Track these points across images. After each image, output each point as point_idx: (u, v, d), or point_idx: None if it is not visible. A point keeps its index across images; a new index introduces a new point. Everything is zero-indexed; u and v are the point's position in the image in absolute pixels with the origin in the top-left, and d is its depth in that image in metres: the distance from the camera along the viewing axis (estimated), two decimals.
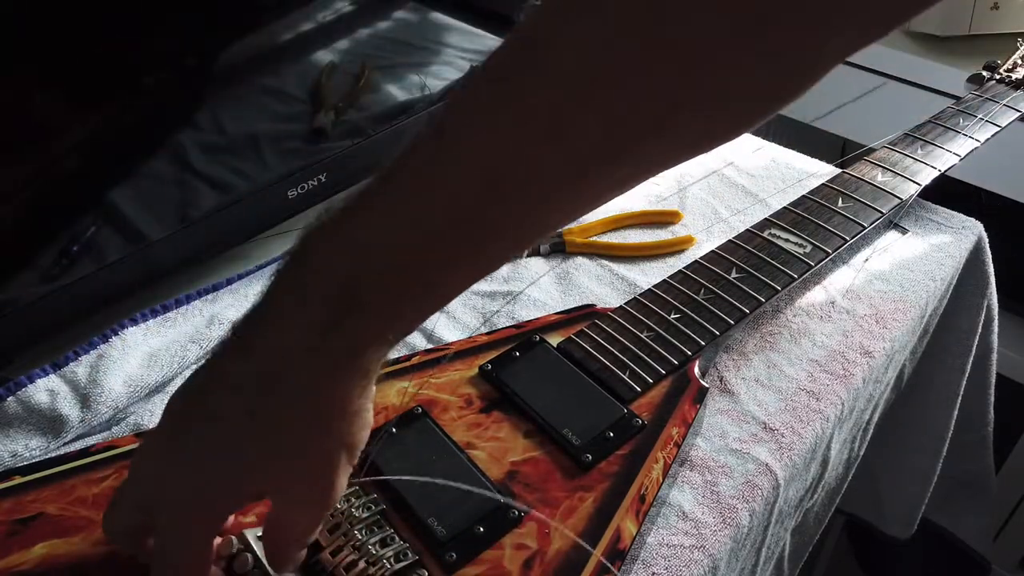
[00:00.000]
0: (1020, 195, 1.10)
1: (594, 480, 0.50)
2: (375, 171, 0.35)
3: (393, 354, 0.63)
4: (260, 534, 0.46)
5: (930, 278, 0.72)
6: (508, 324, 0.65)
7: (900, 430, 0.86)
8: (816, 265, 0.64)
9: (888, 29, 0.32)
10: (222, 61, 0.66)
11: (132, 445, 0.53)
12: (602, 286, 0.71)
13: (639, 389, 0.55)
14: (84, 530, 0.48)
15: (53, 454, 0.56)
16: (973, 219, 0.79)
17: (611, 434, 0.52)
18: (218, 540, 0.44)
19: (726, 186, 0.84)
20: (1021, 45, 0.87)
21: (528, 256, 0.75)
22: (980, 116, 0.77)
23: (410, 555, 0.46)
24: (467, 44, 0.85)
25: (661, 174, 0.86)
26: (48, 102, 0.57)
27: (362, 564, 0.45)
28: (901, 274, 0.72)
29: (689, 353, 0.58)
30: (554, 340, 0.59)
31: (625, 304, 0.62)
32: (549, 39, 0.32)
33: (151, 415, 0.59)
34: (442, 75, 0.83)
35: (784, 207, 0.71)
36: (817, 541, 0.75)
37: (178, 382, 0.62)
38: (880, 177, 0.72)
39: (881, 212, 0.69)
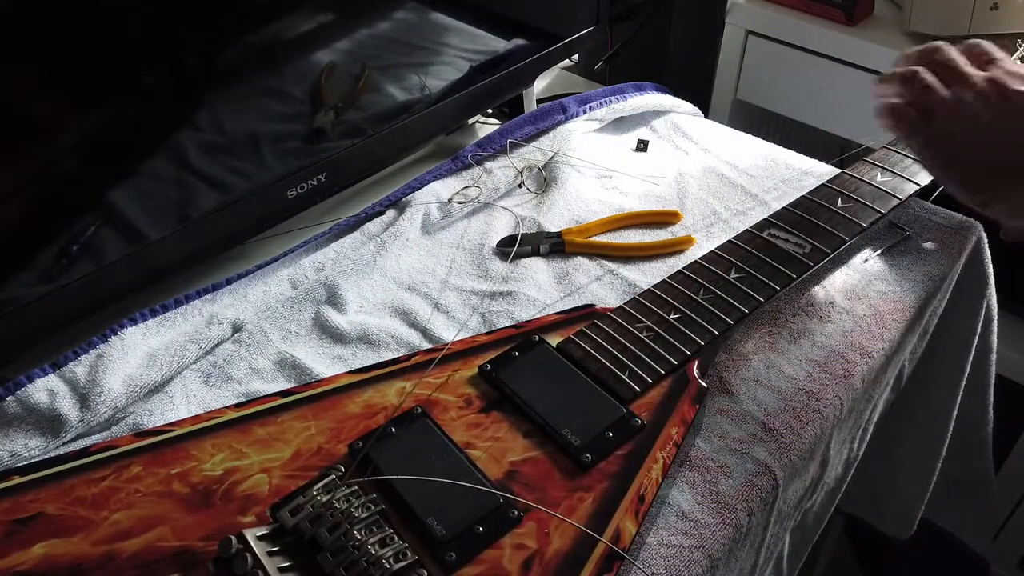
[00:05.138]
0: None
1: (593, 480, 0.50)
2: None
3: (393, 354, 0.63)
4: (260, 534, 0.46)
5: (929, 278, 0.72)
6: (508, 324, 0.66)
7: (900, 430, 0.86)
8: (815, 265, 0.64)
9: None
10: (222, 61, 0.66)
11: (131, 445, 0.53)
12: (602, 286, 0.71)
13: (638, 389, 0.55)
14: (83, 530, 0.48)
15: (52, 454, 0.57)
16: (973, 219, 0.79)
17: (610, 434, 0.52)
18: None
19: (726, 186, 0.84)
20: (1021, 45, 0.87)
21: (528, 256, 0.75)
22: None
23: (409, 555, 0.46)
24: (467, 44, 0.85)
25: (661, 174, 0.86)
26: (48, 102, 0.57)
27: (362, 564, 0.45)
28: (900, 274, 0.72)
29: (688, 353, 0.58)
30: (554, 340, 0.59)
31: (625, 304, 0.62)
32: None
33: (150, 415, 0.59)
34: (442, 75, 0.84)
35: (784, 207, 0.71)
36: (816, 541, 0.75)
37: (177, 382, 0.62)
38: (879, 177, 0.72)
39: (880, 212, 0.69)
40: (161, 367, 0.62)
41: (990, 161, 0.53)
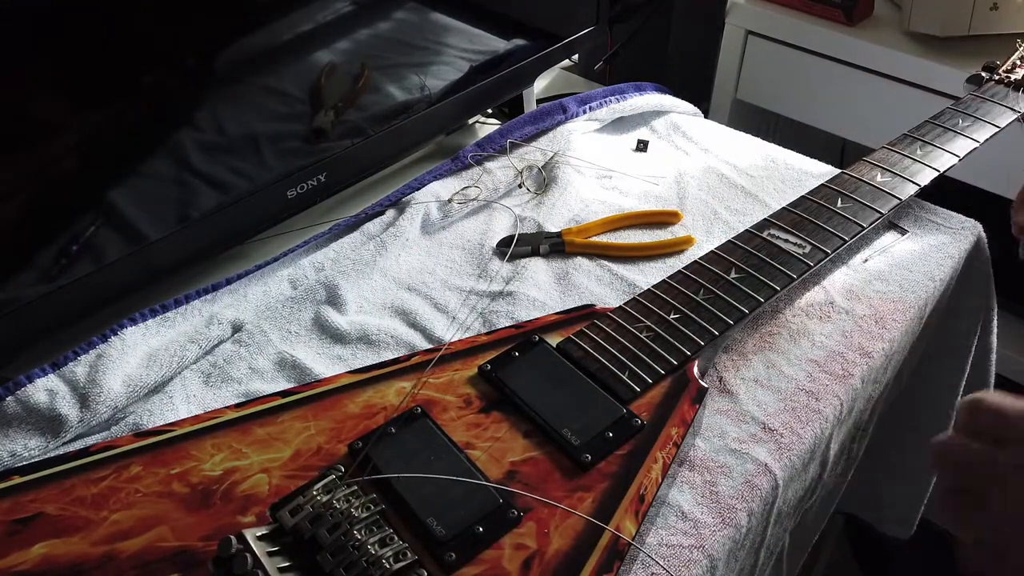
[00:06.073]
0: None
1: (593, 480, 0.50)
2: None
3: (393, 354, 0.64)
4: (260, 534, 0.46)
5: (929, 278, 0.72)
6: (508, 324, 0.66)
7: (899, 430, 0.86)
8: (815, 265, 0.64)
9: None
10: (222, 61, 0.66)
11: (131, 445, 0.53)
12: (602, 286, 0.71)
13: (638, 389, 0.55)
14: (83, 530, 0.48)
15: (52, 454, 0.57)
16: (972, 219, 0.79)
17: (610, 434, 0.52)
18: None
19: (726, 186, 0.84)
20: (1020, 46, 0.87)
21: (528, 256, 0.75)
22: (979, 117, 0.77)
23: (409, 555, 0.46)
24: (467, 44, 0.85)
25: (661, 174, 0.86)
26: (48, 102, 0.57)
27: (361, 564, 0.45)
28: (900, 274, 0.72)
29: (688, 353, 0.58)
30: (553, 340, 0.59)
31: (624, 304, 0.62)
32: None
33: (150, 415, 0.59)
34: (442, 75, 0.84)
35: (783, 207, 0.71)
36: (816, 541, 0.75)
37: (177, 382, 0.62)
38: (879, 178, 0.72)
39: (880, 212, 0.69)
40: (161, 367, 0.62)
41: None
